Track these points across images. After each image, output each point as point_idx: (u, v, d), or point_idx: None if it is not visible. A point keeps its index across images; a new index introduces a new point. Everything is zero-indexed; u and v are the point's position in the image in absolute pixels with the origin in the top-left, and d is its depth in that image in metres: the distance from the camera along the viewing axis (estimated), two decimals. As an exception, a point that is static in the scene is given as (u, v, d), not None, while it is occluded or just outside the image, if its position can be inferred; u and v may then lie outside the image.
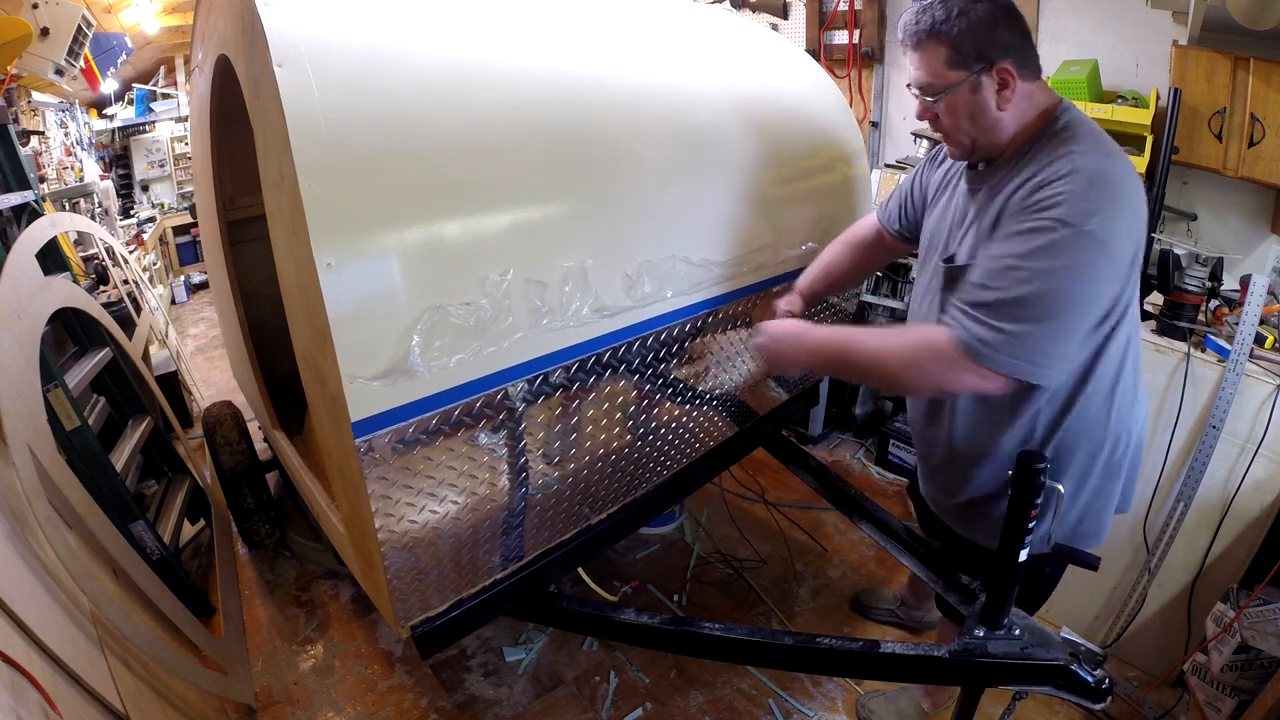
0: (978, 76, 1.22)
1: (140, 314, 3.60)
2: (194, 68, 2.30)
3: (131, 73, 6.49)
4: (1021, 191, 1.20)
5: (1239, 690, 1.80)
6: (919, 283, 1.54)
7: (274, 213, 1.28)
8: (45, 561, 1.58)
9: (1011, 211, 1.21)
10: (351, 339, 1.10)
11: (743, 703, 2.14)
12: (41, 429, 1.84)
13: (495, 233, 1.27)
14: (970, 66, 1.21)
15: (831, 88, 2.22)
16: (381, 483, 1.21)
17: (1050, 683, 1.34)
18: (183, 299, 6.39)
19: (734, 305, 1.74)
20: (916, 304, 1.54)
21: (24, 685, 1.15)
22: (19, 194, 2.63)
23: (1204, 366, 1.95)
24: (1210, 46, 2.21)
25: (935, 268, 1.43)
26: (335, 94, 1.13)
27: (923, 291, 1.51)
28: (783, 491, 3.07)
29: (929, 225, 1.54)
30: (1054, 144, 1.21)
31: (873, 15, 3.40)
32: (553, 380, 1.39)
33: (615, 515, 1.82)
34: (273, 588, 2.68)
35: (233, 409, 2.85)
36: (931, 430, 1.55)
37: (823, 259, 1.80)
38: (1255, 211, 2.46)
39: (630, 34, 1.80)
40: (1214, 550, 1.98)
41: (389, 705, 2.17)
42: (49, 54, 3.31)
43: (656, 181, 1.56)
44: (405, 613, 1.46)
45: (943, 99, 1.26)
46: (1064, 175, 1.15)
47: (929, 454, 1.60)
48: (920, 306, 1.51)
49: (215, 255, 2.60)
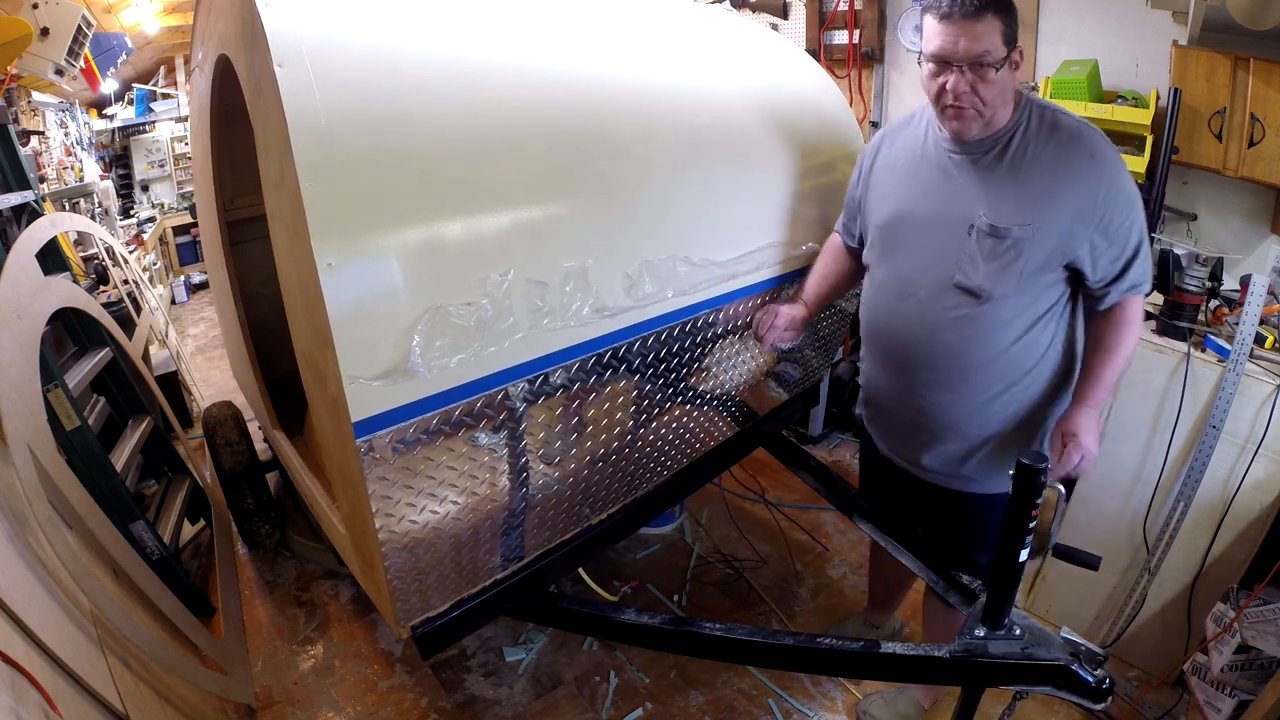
0: (1014, 54, 1.34)
1: (140, 314, 3.59)
2: (194, 68, 2.30)
3: (131, 73, 6.49)
4: (1051, 148, 1.38)
5: (1239, 690, 1.80)
6: (909, 257, 1.56)
7: (274, 213, 1.28)
8: (45, 561, 1.58)
9: (1060, 169, 1.38)
10: (352, 339, 1.10)
11: (743, 703, 2.14)
12: (41, 429, 1.84)
13: (496, 233, 1.27)
14: (1013, 44, 1.33)
15: (832, 88, 2.22)
16: (382, 483, 1.21)
17: (1051, 683, 1.34)
18: (183, 299, 6.39)
19: (735, 305, 1.74)
20: (918, 274, 1.54)
21: (24, 685, 1.15)
22: (19, 194, 2.63)
23: (1204, 366, 1.95)
24: (1210, 46, 2.21)
25: (958, 237, 1.46)
26: (336, 94, 1.13)
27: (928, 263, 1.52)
28: (782, 491, 3.07)
29: (895, 205, 1.59)
30: (1040, 111, 1.42)
31: (873, 15, 3.39)
32: (553, 380, 1.39)
33: (616, 515, 1.82)
34: (273, 588, 2.68)
35: (233, 409, 2.85)
36: (950, 391, 1.56)
37: (816, 266, 1.86)
38: (1255, 211, 2.46)
39: (631, 34, 1.80)
40: (1214, 550, 1.98)
41: (389, 705, 2.17)
42: (49, 54, 3.31)
43: (657, 181, 1.56)
44: (406, 613, 1.46)
45: (989, 71, 1.31)
46: (1075, 126, 1.40)
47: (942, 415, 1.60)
48: (926, 275, 1.53)
49: (215, 255, 2.60)
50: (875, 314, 1.68)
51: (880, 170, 1.65)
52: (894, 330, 1.62)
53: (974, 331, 1.49)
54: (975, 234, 1.43)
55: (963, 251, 1.45)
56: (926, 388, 1.59)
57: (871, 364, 1.75)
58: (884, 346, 1.67)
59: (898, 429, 1.74)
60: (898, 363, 1.64)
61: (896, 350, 1.63)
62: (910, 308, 1.56)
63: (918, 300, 1.54)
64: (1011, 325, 1.47)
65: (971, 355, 1.51)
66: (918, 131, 1.58)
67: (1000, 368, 1.51)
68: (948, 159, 1.49)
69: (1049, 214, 1.38)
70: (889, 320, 1.63)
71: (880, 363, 1.71)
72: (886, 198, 1.62)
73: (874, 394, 1.78)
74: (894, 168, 1.61)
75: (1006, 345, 1.49)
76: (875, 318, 1.68)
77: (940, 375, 1.56)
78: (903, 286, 1.58)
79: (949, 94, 1.35)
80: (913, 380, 1.61)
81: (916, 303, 1.55)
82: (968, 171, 1.46)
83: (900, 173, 1.59)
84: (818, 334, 2.22)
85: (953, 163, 1.48)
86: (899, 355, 1.63)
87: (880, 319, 1.66)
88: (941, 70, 1.35)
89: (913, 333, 1.57)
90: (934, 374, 1.57)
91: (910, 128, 1.61)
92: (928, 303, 1.53)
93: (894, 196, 1.60)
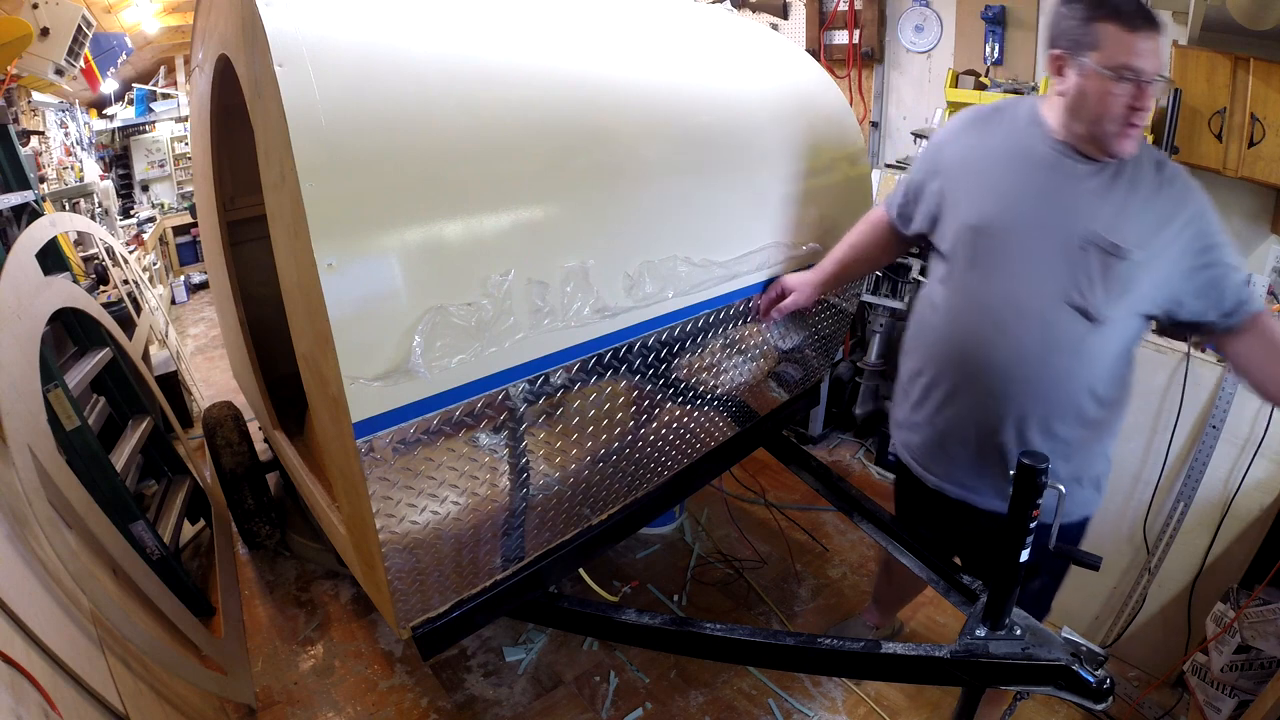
0: None
1: (140, 314, 3.59)
2: (194, 67, 2.30)
3: (131, 73, 6.49)
4: (1158, 181, 1.33)
5: (1239, 690, 1.80)
6: (1014, 270, 1.39)
7: (275, 213, 1.28)
8: (45, 561, 1.58)
9: (1164, 193, 1.33)
10: (353, 340, 1.10)
11: (743, 703, 2.14)
12: (41, 429, 1.84)
13: (496, 233, 1.27)
14: None
15: (833, 87, 2.22)
16: (383, 483, 1.21)
17: (1052, 683, 1.34)
18: (183, 299, 6.39)
19: (735, 305, 1.74)
20: (1026, 291, 1.38)
21: (24, 685, 1.15)
22: (19, 194, 2.63)
23: (1204, 367, 1.95)
24: (1210, 46, 2.21)
25: (1071, 251, 1.33)
26: (337, 94, 1.13)
27: (1039, 278, 1.37)
28: (782, 491, 3.07)
29: (993, 207, 1.42)
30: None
31: (873, 15, 3.39)
32: (554, 381, 1.39)
33: (616, 516, 1.82)
34: (273, 588, 2.68)
35: (233, 410, 2.85)
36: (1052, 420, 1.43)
37: (847, 237, 1.77)
38: (1255, 211, 2.46)
39: (632, 34, 1.80)
40: (1214, 550, 1.98)
41: (389, 705, 2.17)
42: (49, 54, 3.31)
43: (658, 181, 1.56)
44: (406, 614, 1.46)
45: (1158, 86, 1.25)
46: (1176, 166, 1.36)
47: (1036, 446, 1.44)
48: (1036, 293, 1.37)
49: (215, 255, 2.60)
50: (962, 335, 1.47)
51: (966, 162, 1.49)
52: (990, 353, 1.43)
53: (1086, 356, 1.37)
54: (1092, 250, 1.31)
55: (1078, 267, 1.33)
56: (1024, 417, 1.43)
57: (940, 393, 1.54)
58: (971, 371, 1.47)
59: (970, 464, 1.54)
60: (988, 389, 1.45)
61: (991, 376, 1.44)
62: (1016, 328, 1.39)
63: (1025, 320, 1.38)
64: (1117, 354, 1.39)
65: (1081, 381, 1.39)
66: (1015, 126, 1.43)
67: (1102, 396, 1.41)
68: (1063, 162, 1.35)
69: (1163, 247, 1.30)
70: (985, 342, 1.43)
71: (956, 390, 1.50)
72: (978, 196, 1.45)
73: (941, 426, 1.56)
74: (987, 162, 1.45)
75: (1110, 374, 1.40)
76: (962, 340, 1.47)
77: (1044, 405, 1.41)
78: (1007, 304, 1.40)
79: (1141, 112, 1.25)
80: (1006, 411, 1.43)
81: (1024, 323, 1.38)
82: (1086, 181, 1.34)
83: (997, 170, 1.43)
84: (818, 334, 2.22)
85: (1068, 168, 1.35)
86: (993, 382, 1.44)
87: (969, 341, 1.46)
88: (1129, 85, 1.23)
89: (1018, 356, 1.40)
90: (1037, 402, 1.41)
91: (1003, 120, 1.46)
92: (1037, 323, 1.37)
93: (990, 197, 1.43)
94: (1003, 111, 1.49)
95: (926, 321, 1.58)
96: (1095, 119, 1.29)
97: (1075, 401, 1.41)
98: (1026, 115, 1.42)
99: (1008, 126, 1.45)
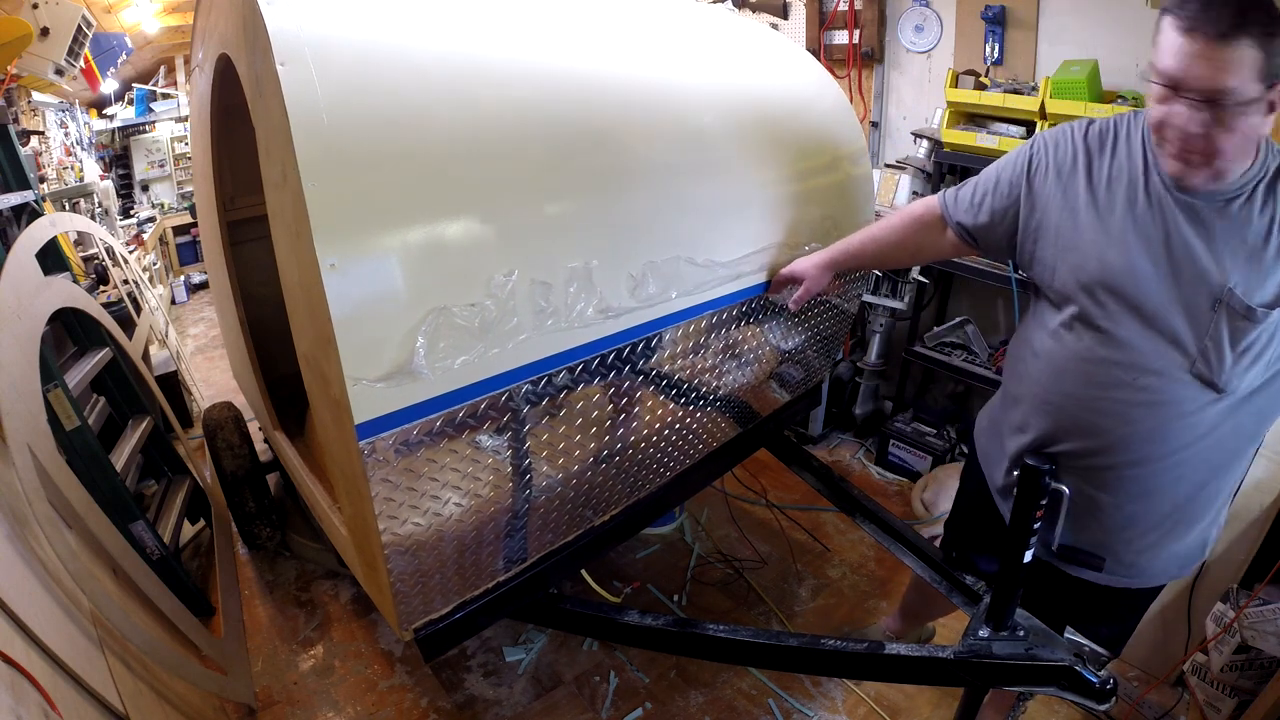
0: (1273, 93, 1.01)
1: (140, 314, 3.59)
2: (194, 67, 2.30)
3: (131, 73, 6.48)
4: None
5: (1239, 690, 1.80)
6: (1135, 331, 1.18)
7: (276, 213, 1.28)
8: (45, 561, 1.58)
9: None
10: (355, 340, 1.10)
11: (743, 703, 2.14)
12: (41, 429, 1.83)
13: (500, 233, 1.27)
14: (1269, 82, 1.00)
15: (834, 87, 2.22)
16: (385, 485, 1.21)
17: (1055, 684, 1.34)
18: (183, 299, 6.39)
19: (738, 306, 1.74)
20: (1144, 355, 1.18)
21: (24, 685, 1.15)
22: (19, 194, 2.63)
23: (1205, 367, 1.95)
24: (1211, 47, 2.20)
25: (1200, 311, 1.14)
26: (338, 93, 1.13)
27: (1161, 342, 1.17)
28: (782, 491, 3.07)
29: (1117, 259, 1.19)
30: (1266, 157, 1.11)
31: (873, 15, 3.39)
32: (557, 382, 1.38)
33: (618, 517, 1.82)
34: (273, 588, 2.68)
35: (234, 411, 2.84)
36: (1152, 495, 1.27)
37: (881, 223, 1.60)
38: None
39: (634, 34, 1.79)
40: (1214, 550, 1.98)
41: (389, 705, 2.16)
42: (49, 54, 3.30)
43: (661, 182, 1.55)
44: (408, 615, 1.46)
45: (1233, 113, 1.01)
46: None
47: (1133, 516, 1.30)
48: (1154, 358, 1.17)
49: (215, 255, 2.59)
50: (1070, 402, 1.28)
51: (1081, 197, 1.24)
52: (1097, 414, 1.24)
53: (1204, 431, 1.18)
54: (1223, 310, 1.11)
55: (1206, 332, 1.13)
56: (1121, 486, 1.27)
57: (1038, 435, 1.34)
58: (1073, 425, 1.29)
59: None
60: (1088, 447, 1.28)
61: (1093, 436, 1.26)
62: (1125, 393, 1.20)
63: (1138, 387, 1.19)
64: (1250, 426, 1.21)
65: (1196, 460, 1.21)
66: (1133, 150, 1.20)
67: (1219, 471, 1.25)
68: (1182, 201, 1.13)
69: None
70: (1093, 401, 1.25)
71: (1056, 435, 1.32)
72: (1099, 243, 1.21)
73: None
74: (1106, 200, 1.21)
75: (1238, 447, 1.23)
76: (1074, 409, 1.28)
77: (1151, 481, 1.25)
78: (1122, 364, 1.20)
79: (1171, 130, 1.06)
80: (1103, 479, 1.28)
81: (1136, 390, 1.19)
82: (1210, 221, 1.12)
83: (1117, 210, 1.19)
84: (819, 334, 2.22)
85: (1188, 207, 1.13)
86: (1094, 440, 1.26)
87: (1079, 395, 1.26)
88: (1168, 96, 1.04)
89: (1124, 419, 1.21)
90: (1139, 471, 1.24)
91: (1123, 142, 1.22)
92: (1152, 391, 1.18)
93: (1113, 245, 1.19)
94: (1120, 127, 1.24)
95: (1029, 372, 1.37)
96: (1156, 139, 1.12)
97: (1193, 477, 1.24)
98: (1144, 138, 1.19)
99: (1125, 150, 1.21)
